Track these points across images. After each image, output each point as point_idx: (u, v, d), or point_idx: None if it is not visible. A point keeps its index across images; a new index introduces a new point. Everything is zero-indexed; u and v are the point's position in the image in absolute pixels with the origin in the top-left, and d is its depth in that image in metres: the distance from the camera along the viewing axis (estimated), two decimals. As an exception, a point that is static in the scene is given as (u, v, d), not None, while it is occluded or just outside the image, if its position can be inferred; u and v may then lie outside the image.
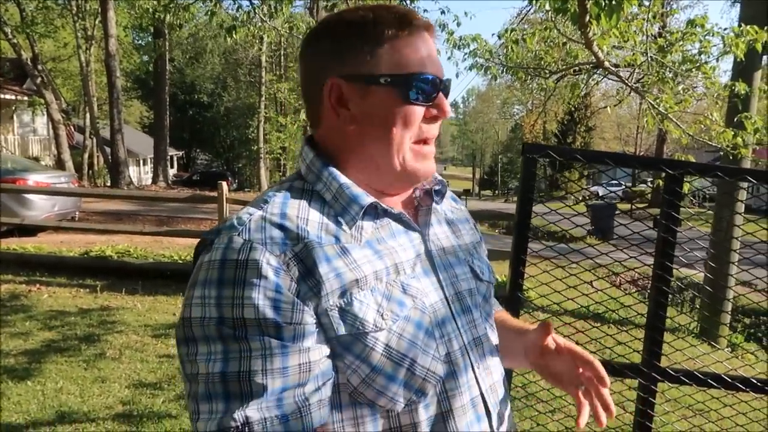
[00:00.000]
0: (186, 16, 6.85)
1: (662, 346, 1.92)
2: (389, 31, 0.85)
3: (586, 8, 3.35)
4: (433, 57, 0.88)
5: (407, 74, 0.84)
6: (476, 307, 0.95)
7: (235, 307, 0.74)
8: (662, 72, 4.94)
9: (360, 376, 0.79)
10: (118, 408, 3.64)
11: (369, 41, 0.85)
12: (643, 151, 39.69)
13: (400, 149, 0.87)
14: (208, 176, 30.68)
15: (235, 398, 0.72)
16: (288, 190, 0.87)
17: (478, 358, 0.90)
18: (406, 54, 0.85)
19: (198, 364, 0.75)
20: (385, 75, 0.84)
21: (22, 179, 9.17)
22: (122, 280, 6.57)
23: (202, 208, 13.73)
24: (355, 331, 0.78)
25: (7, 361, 4.27)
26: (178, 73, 37.31)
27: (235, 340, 0.73)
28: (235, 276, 0.75)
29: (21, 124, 25.39)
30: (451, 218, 1.02)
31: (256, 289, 0.74)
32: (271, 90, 30.31)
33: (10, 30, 19.41)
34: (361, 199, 0.85)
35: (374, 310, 0.80)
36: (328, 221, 0.83)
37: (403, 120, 0.86)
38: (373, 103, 0.85)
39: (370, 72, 0.85)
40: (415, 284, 0.86)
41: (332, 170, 0.87)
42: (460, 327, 0.89)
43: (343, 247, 0.81)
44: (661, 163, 1.95)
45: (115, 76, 19.70)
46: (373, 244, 0.85)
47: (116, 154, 19.89)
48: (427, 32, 0.88)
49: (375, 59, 0.85)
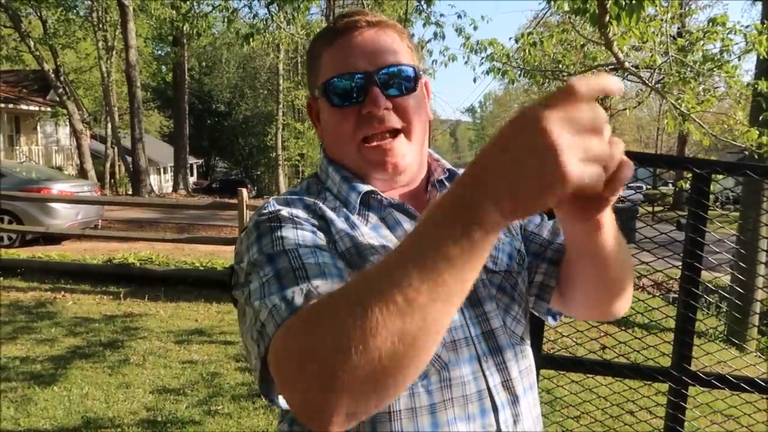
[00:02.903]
0: (204, 24, 6.93)
1: (692, 350, 1.88)
2: (321, 46, 0.91)
3: (606, 8, 3.33)
4: (359, 54, 0.87)
5: (323, 82, 0.89)
6: (490, 299, 0.91)
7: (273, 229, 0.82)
8: (683, 72, 4.87)
9: None
10: (143, 414, 3.67)
11: (314, 59, 0.93)
12: (664, 152, 39.16)
13: (349, 151, 0.91)
14: (228, 184, 30.93)
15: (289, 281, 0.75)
16: (306, 187, 0.97)
17: (486, 351, 0.88)
18: (328, 63, 0.90)
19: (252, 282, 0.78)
20: (317, 87, 0.91)
21: (46, 188, 9.33)
22: (144, 286, 6.65)
23: (221, 215, 13.83)
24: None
25: (34, 367, 4.34)
26: (197, 82, 37.72)
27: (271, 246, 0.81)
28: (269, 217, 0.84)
29: (44, 134, 25.87)
30: None
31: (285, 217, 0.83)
32: (289, 97, 30.53)
33: (33, 42, 19.79)
34: (358, 188, 0.91)
35: None
36: (337, 207, 0.90)
37: (337, 124, 0.90)
38: (322, 115, 0.93)
39: (315, 87, 0.93)
40: None
41: (335, 167, 0.94)
42: (468, 319, 0.88)
43: (352, 223, 0.88)
44: (688, 162, 1.92)
45: (135, 86, 19.97)
46: (378, 229, 0.89)
47: (137, 163, 20.13)
48: (363, 30, 0.89)
49: (317, 73, 0.92)
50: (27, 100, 23.88)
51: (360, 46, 0.88)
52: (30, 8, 20.68)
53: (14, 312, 5.70)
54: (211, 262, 7.53)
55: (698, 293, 1.92)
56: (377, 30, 0.90)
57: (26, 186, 9.16)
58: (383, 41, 0.89)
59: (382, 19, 0.92)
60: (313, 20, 12.16)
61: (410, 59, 0.92)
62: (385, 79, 0.88)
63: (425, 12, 5.53)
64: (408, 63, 0.91)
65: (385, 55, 0.88)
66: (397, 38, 0.92)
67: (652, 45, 4.72)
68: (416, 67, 0.92)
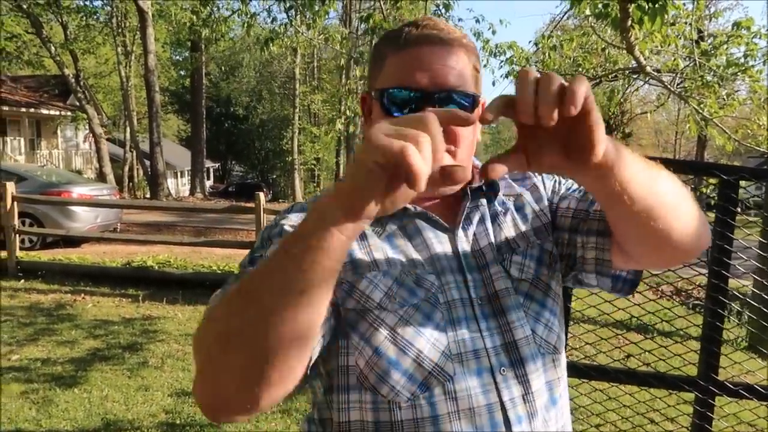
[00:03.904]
0: (223, 28, 6.99)
1: (719, 359, 1.85)
2: (388, 49, 0.91)
3: (628, 12, 3.30)
4: (421, 70, 0.87)
5: (382, 89, 0.90)
6: (517, 307, 0.90)
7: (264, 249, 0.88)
8: (706, 77, 4.81)
9: (365, 357, 0.82)
10: (162, 416, 3.69)
11: (378, 59, 0.93)
12: (682, 157, 38.73)
13: None
14: (244, 187, 31.14)
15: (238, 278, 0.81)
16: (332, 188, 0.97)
17: (506, 363, 0.86)
18: (392, 69, 0.90)
19: None
20: (376, 90, 0.92)
21: (66, 192, 9.45)
22: (162, 289, 6.69)
23: (238, 218, 13.92)
24: (360, 307, 0.83)
25: (55, 368, 4.38)
26: (214, 87, 38.06)
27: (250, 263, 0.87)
28: (269, 231, 0.90)
29: (64, 138, 26.25)
30: (502, 211, 0.97)
31: (269, 229, 0.91)
32: (305, 102, 30.68)
33: (54, 48, 20.11)
34: None
35: (382, 291, 0.84)
36: None
37: None
38: (374, 116, 0.93)
39: (373, 87, 0.94)
40: (432, 280, 0.86)
41: None
42: (484, 330, 0.86)
43: (362, 233, 0.84)
44: (716, 168, 1.89)
45: (153, 91, 20.20)
46: (394, 238, 0.89)
47: (155, 167, 20.35)
48: (431, 45, 0.88)
49: (378, 75, 0.93)
50: (48, 104, 24.25)
51: (427, 62, 0.87)
52: (51, 14, 21.03)
53: (35, 314, 5.77)
54: (228, 265, 7.57)
55: (725, 301, 1.89)
56: (448, 49, 0.88)
57: (47, 189, 9.29)
58: (451, 62, 0.88)
59: (455, 36, 0.90)
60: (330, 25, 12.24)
61: (473, 84, 0.91)
62: (442, 101, 0.87)
63: (444, 16, 5.53)
64: (468, 89, 0.89)
65: (448, 78, 0.87)
66: (465, 59, 0.90)
67: (673, 49, 4.66)
68: (476, 94, 0.90)
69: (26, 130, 23.67)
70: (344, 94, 8.13)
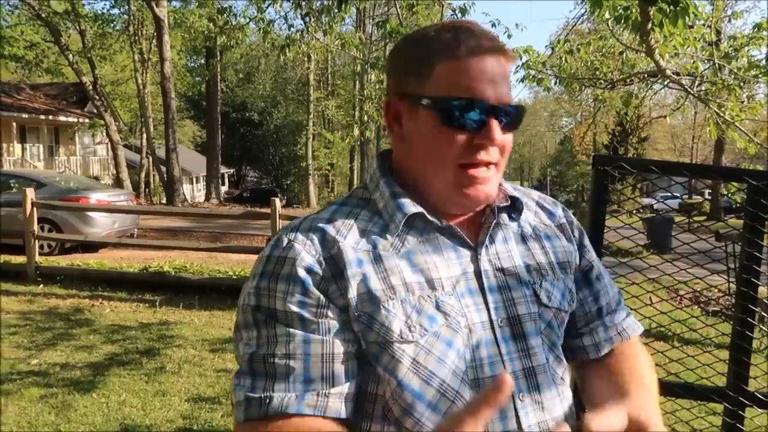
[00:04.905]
0: (240, 35, 7.03)
1: (749, 369, 1.80)
2: (438, 53, 0.85)
3: (649, 16, 3.26)
4: (486, 81, 0.84)
5: (445, 98, 0.84)
6: (536, 334, 0.88)
7: (269, 298, 0.82)
8: (726, 80, 4.74)
9: (390, 388, 0.81)
10: (179, 422, 3.69)
11: (423, 62, 0.86)
12: (700, 161, 38.31)
13: (443, 171, 0.86)
14: (259, 193, 31.28)
15: (260, 377, 0.79)
16: (349, 197, 0.93)
17: (524, 389, 0.85)
18: (447, 78, 0.84)
19: (240, 347, 0.84)
20: (427, 97, 0.85)
21: (84, 198, 9.55)
22: (179, 295, 6.73)
23: (253, 224, 13.96)
24: (381, 339, 0.80)
25: (74, 373, 4.41)
26: (230, 92, 38.35)
27: (265, 327, 0.81)
28: (274, 270, 0.83)
29: (82, 145, 26.59)
30: (529, 234, 0.95)
31: (286, 284, 0.81)
32: (319, 107, 30.81)
33: (72, 55, 20.40)
34: (406, 208, 0.86)
35: (402, 321, 0.81)
36: (372, 229, 0.86)
37: (443, 143, 0.85)
38: (417, 123, 0.86)
39: (417, 92, 0.86)
40: (452, 302, 0.83)
41: (388, 179, 0.91)
42: (504, 354, 0.84)
43: (377, 254, 0.84)
44: (744, 173, 1.85)
45: (169, 98, 20.38)
46: (412, 256, 0.85)
47: (171, 173, 20.50)
48: (491, 56, 0.85)
49: (424, 80, 0.85)
50: (66, 111, 24.61)
51: (489, 73, 0.84)
52: (69, 22, 21.34)
53: (54, 318, 5.82)
54: (244, 271, 7.59)
55: (755, 309, 1.84)
56: (503, 60, 0.86)
57: (65, 195, 9.39)
58: (505, 73, 0.86)
59: (504, 45, 0.89)
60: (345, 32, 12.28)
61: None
62: (503, 114, 0.85)
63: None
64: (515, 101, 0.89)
65: (505, 89, 0.86)
66: (511, 70, 0.90)
67: (693, 51, 4.60)
68: (523, 106, 0.90)
69: (45, 137, 24.02)
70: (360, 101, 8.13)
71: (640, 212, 8.86)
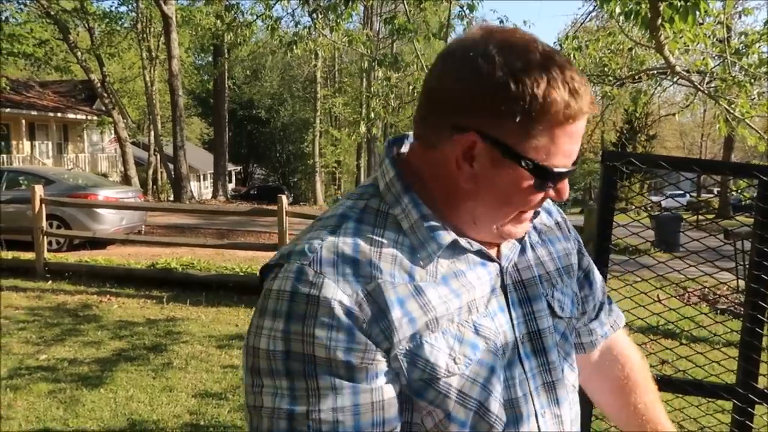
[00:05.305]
0: (247, 33, 7.04)
1: (759, 366, 1.79)
2: (555, 110, 0.72)
3: (659, 11, 3.23)
4: (575, 146, 0.78)
5: (550, 167, 0.75)
6: (554, 347, 0.86)
7: (305, 344, 0.71)
8: (737, 76, 4.70)
9: (434, 419, 0.77)
10: (186, 417, 3.70)
11: (529, 112, 0.72)
12: (708, 159, 38.03)
13: (504, 218, 0.81)
14: (265, 190, 31.38)
15: None
16: (363, 210, 0.80)
17: (545, 404, 0.83)
18: (559, 143, 0.75)
19: (263, 398, 0.73)
20: (528, 159, 0.74)
21: (93, 194, 9.60)
22: (186, 291, 6.75)
23: (260, 221, 14.00)
24: (427, 376, 0.75)
25: (81, 368, 4.43)
26: (237, 90, 38.43)
27: (303, 377, 0.71)
28: (306, 312, 0.71)
29: (90, 142, 26.74)
30: (536, 241, 0.92)
31: (327, 329, 0.71)
32: (326, 105, 30.83)
33: (80, 53, 20.50)
34: (441, 238, 0.79)
35: (446, 354, 0.76)
36: (402, 256, 0.77)
37: (523, 198, 0.79)
38: (501, 176, 0.76)
39: (514, 145, 0.74)
40: (488, 324, 0.80)
41: (414, 197, 0.80)
42: (528, 371, 0.82)
43: (417, 286, 0.76)
44: (755, 169, 1.83)
45: (177, 95, 20.45)
46: (449, 280, 0.79)
47: (179, 170, 20.58)
48: (587, 114, 0.77)
49: (525, 133, 0.73)
50: (74, 109, 24.75)
51: (578, 136, 0.77)
52: (78, 20, 21.45)
53: (62, 314, 5.85)
54: (251, 267, 7.60)
55: (765, 306, 1.82)
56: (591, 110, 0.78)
57: (74, 192, 9.45)
58: None
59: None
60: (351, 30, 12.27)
61: None
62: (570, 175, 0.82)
63: (467, 17, 5.49)
64: None
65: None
66: None
67: (703, 48, 4.57)
68: None
69: (54, 134, 24.18)
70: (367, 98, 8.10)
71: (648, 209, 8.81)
